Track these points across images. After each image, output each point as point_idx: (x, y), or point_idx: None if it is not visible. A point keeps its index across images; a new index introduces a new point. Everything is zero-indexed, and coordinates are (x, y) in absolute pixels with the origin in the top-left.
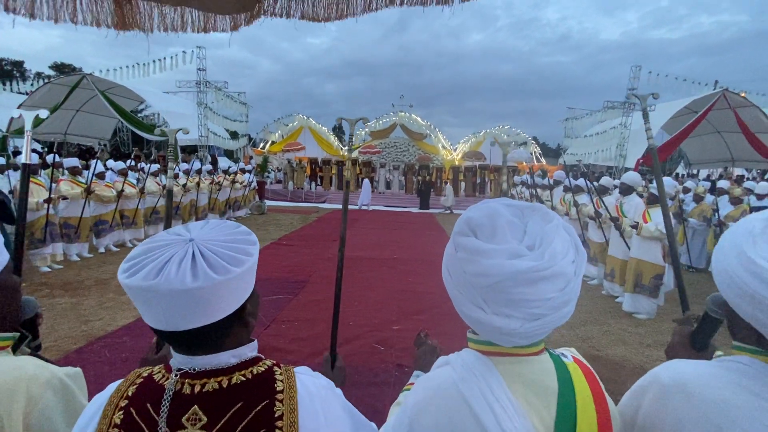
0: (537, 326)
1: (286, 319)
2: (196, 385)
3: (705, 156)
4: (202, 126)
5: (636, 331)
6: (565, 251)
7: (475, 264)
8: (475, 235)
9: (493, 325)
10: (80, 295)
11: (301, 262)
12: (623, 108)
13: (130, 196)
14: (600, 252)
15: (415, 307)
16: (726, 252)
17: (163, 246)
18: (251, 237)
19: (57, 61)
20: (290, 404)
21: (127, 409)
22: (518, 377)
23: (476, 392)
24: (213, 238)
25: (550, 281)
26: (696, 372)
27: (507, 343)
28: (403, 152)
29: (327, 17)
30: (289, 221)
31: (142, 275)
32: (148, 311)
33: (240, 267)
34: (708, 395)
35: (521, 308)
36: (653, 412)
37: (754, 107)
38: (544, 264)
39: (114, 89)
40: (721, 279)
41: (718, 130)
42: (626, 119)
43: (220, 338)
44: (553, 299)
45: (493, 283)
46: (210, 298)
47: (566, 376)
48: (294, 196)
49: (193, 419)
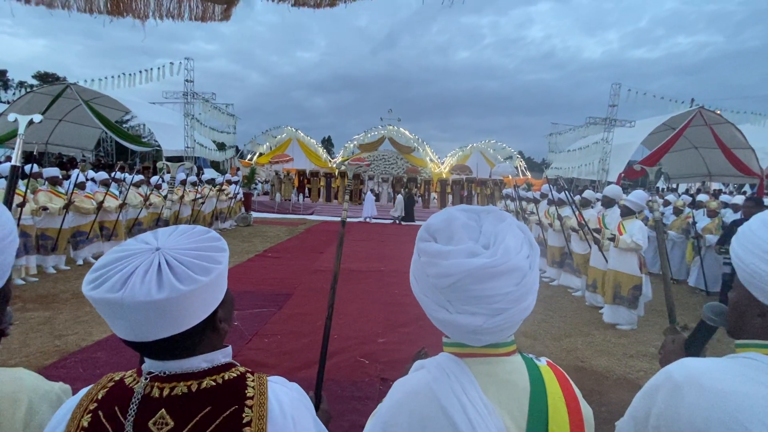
0: (501, 321)
1: (269, 332)
2: (165, 389)
3: (683, 171)
4: (189, 137)
5: (619, 341)
6: (519, 247)
7: (435, 266)
8: (434, 239)
9: (459, 324)
10: (55, 308)
11: (286, 275)
12: (605, 124)
13: (110, 210)
14: (583, 263)
15: (401, 319)
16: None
17: (129, 256)
18: (220, 243)
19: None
20: (260, 411)
21: (95, 413)
22: (491, 377)
23: (449, 392)
24: (180, 246)
25: (506, 276)
26: (707, 367)
27: (476, 342)
28: (391, 165)
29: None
30: (276, 233)
31: (106, 287)
32: (115, 323)
33: (207, 276)
34: (721, 387)
35: (482, 304)
36: (667, 410)
37: (729, 124)
38: (498, 260)
39: (98, 99)
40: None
41: (696, 145)
42: (608, 135)
43: (192, 345)
44: (511, 293)
45: (454, 282)
46: (177, 308)
47: (538, 377)
48: (281, 208)
49: (159, 423)
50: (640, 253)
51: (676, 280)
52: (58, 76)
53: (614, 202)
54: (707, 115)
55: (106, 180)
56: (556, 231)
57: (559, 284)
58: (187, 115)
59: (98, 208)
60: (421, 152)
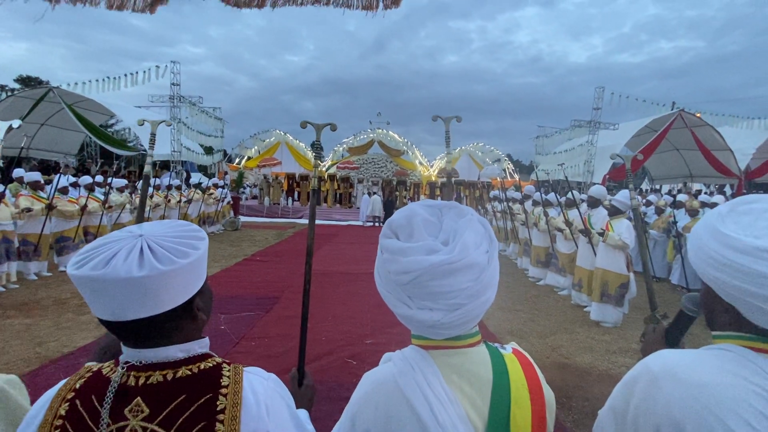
0: (459, 315)
1: (256, 335)
2: (141, 378)
3: (666, 172)
4: (175, 141)
5: (602, 338)
6: (478, 243)
7: (396, 263)
8: (396, 236)
9: (419, 319)
10: (36, 315)
11: (274, 278)
12: (589, 126)
13: (94, 210)
14: (568, 263)
15: (389, 320)
16: (701, 234)
17: (114, 241)
18: (200, 233)
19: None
20: (234, 399)
21: (72, 401)
22: (454, 368)
23: (412, 383)
24: (162, 234)
25: (463, 272)
26: (683, 359)
27: (437, 335)
28: (380, 168)
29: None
30: (264, 237)
31: (90, 266)
32: (96, 301)
33: (185, 259)
34: (696, 379)
35: (440, 300)
36: (645, 401)
37: (709, 126)
38: (455, 257)
39: (82, 103)
40: (697, 258)
41: (677, 147)
42: (592, 137)
43: (168, 331)
44: (469, 288)
45: (413, 279)
46: (156, 287)
47: (502, 367)
48: (270, 212)
49: (135, 410)
50: (628, 252)
51: (659, 278)
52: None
53: (599, 202)
54: (687, 118)
55: (89, 184)
56: (541, 231)
57: (545, 284)
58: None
59: (82, 211)
60: (411, 155)
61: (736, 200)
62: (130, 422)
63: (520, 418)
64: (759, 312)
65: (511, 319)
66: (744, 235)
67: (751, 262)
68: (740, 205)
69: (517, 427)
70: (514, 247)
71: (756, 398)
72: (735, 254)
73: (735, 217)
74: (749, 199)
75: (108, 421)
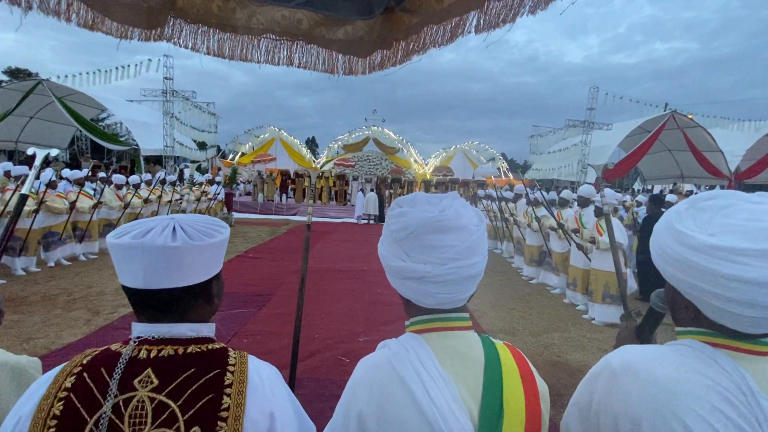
0: (449, 270)
1: (249, 332)
2: (152, 351)
3: (658, 172)
4: (168, 136)
5: (594, 336)
6: (470, 215)
7: (396, 222)
8: (400, 206)
9: (413, 269)
10: (23, 311)
11: (267, 275)
12: (583, 126)
13: (83, 211)
14: (561, 261)
15: (384, 317)
16: (660, 231)
17: (150, 221)
18: (222, 223)
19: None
20: (240, 377)
21: (79, 375)
22: (447, 350)
23: (407, 364)
24: (191, 219)
25: (454, 232)
26: (643, 354)
27: (429, 298)
28: (375, 166)
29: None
30: (257, 234)
31: (130, 236)
32: (129, 268)
33: (211, 238)
34: (654, 374)
35: (433, 254)
36: (605, 395)
37: (700, 128)
38: (447, 215)
39: (73, 96)
40: (657, 254)
41: (669, 148)
42: (586, 137)
43: (185, 308)
44: (457, 246)
45: (410, 233)
46: (185, 259)
47: (493, 352)
48: (264, 209)
49: (144, 381)
50: (623, 249)
51: None
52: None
53: (589, 201)
54: (680, 119)
55: (80, 179)
56: (534, 230)
57: (538, 282)
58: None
59: (71, 208)
60: (406, 153)
61: (696, 197)
62: (138, 393)
63: (513, 401)
64: (715, 309)
65: (504, 317)
66: (699, 233)
67: (705, 260)
68: (699, 202)
69: (510, 410)
70: (508, 246)
71: (711, 393)
72: (690, 252)
73: (693, 213)
74: (708, 196)
75: (116, 392)
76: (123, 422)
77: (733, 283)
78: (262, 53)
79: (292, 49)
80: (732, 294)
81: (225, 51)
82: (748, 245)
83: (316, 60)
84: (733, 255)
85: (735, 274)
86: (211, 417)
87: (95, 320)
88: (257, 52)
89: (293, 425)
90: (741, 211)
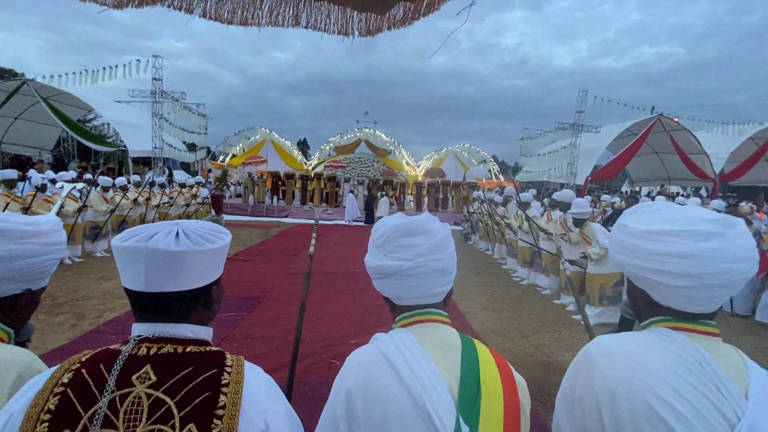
0: (418, 263)
1: (238, 336)
2: (152, 348)
3: (645, 175)
4: (157, 137)
5: (584, 337)
6: (434, 222)
7: (376, 232)
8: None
9: (388, 265)
10: None
11: (257, 278)
12: (572, 129)
13: (67, 214)
14: (551, 263)
15: (375, 320)
16: (613, 231)
17: (154, 226)
18: (225, 230)
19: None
20: (237, 377)
21: (77, 371)
22: (427, 336)
23: (391, 347)
24: (194, 225)
25: (420, 234)
26: (615, 339)
27: (407, 291)
28: (367, 167)
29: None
30: (248, 236)
31: (135, 239)
32: (133, 271)
33: (213, 244)
34: (624, 350)
35: (405, 252)
36: (587, 382)
37: (686, 131)
38: (417, 221)
39: (59, 96)
40: (612, 248)
41: (656, 151)
42: (575, 140)
43: (186, 311)
44: (424, 244)
45: (386, 238)
46: (188, 264)
47: (470, 343)
48: (255, 211)
49: (143, 377)
50: None
51: None
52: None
53: (568, 205)
54: (666, 122)
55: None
56: (525, 232)
57: (529, 283)
58: (155, 115)
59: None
60: (397, 155)
61: (637, 206)
62: (136, 388)
63: (491, 384)
64: (659, 288)
65: (495, 318)
66: (637, 224)
67: (642, 243)
68: (639, 208)
69: (488, 391)
70: (500, 248)
71: (674, 364)
72: (631, 238)
73: (635, 215)
74: (646, 205)
75: (113, 388)
76: (118, 418)
77: (662, 257)
78: (264, 14)
79: (299, 7)
80: (665, 267)
81: (223, 14)
82: (668, 227)
83: (326, 20)
84: (658, 235)
85: (662, 249)
86: (207, 415)
87: (81, 324)
88: (259, 12)
89: (286, 427)
90: (667, 210)
